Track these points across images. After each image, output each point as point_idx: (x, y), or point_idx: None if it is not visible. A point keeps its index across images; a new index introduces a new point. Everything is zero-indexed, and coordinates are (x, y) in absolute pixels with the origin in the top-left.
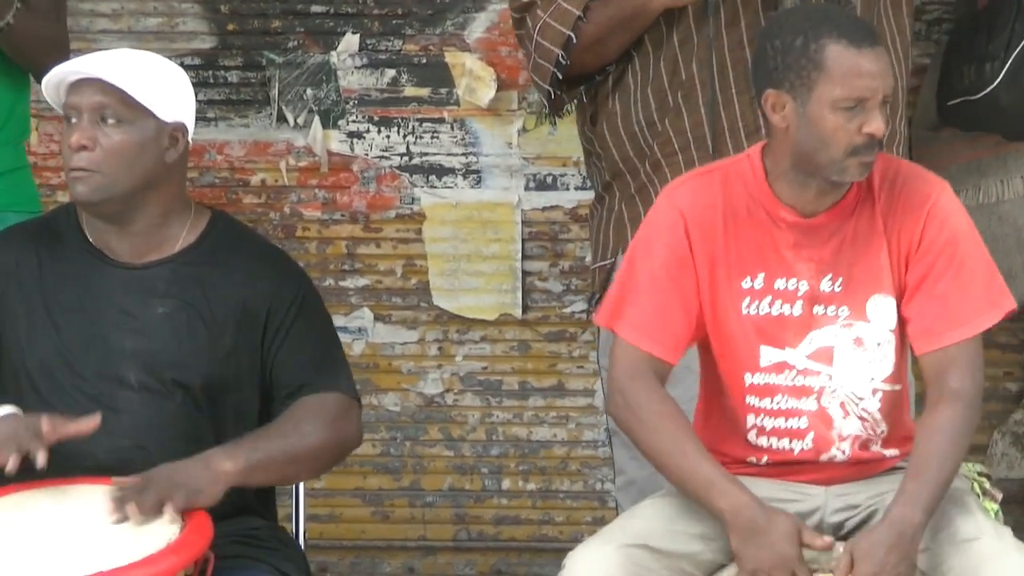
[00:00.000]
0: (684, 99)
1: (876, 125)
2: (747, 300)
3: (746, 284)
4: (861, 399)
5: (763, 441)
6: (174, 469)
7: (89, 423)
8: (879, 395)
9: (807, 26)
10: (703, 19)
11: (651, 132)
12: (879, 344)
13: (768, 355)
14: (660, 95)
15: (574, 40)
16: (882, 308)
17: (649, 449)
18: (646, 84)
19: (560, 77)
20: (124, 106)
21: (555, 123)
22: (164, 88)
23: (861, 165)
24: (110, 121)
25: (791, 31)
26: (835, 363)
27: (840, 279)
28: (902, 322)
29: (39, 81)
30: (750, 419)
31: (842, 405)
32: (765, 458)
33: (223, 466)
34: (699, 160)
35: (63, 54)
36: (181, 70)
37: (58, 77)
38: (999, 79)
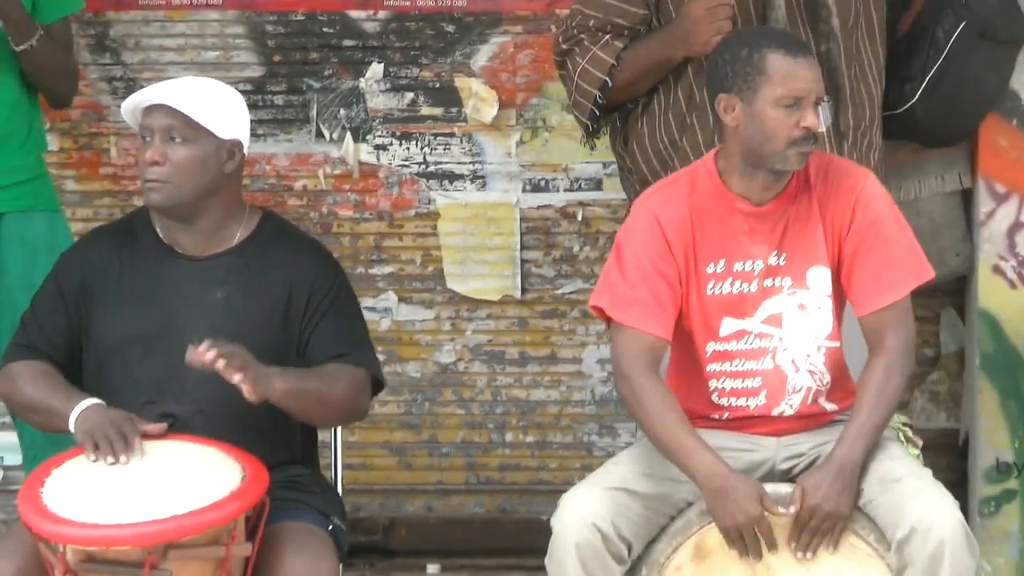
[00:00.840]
0: (698, 119)
1: (811, 120)
2: (712, 283)
3: (711, 269)
4: (808, 355)
5: (724, 401)
6: (248, 360)
7: (159, 427)
8: (823, 351)
9: (750, 40)
10: None
11: (673, 148)
12: (819, 308)
13: (729, 325)
14: (679, 118)
15: (609, 84)
16: (820, 277)
17: (645, 423)
18: (667, 109)
19: (597, 113)
20: (188, 127)
21: (594, 146)
22: (222, 110)
23: (799, 155)
24: (177, 140)
25: (737, 44)
26: (784, 326)
27: (784, 254)
28: (837, 289)
29: (52, 105)
30: (712, 383)
31: (793, 361)
32: (726, 415)
33: (275, 381)
34: None
35: (74, 82)
36: (237, 94)
37: (134, 103)
38: (917, 96)
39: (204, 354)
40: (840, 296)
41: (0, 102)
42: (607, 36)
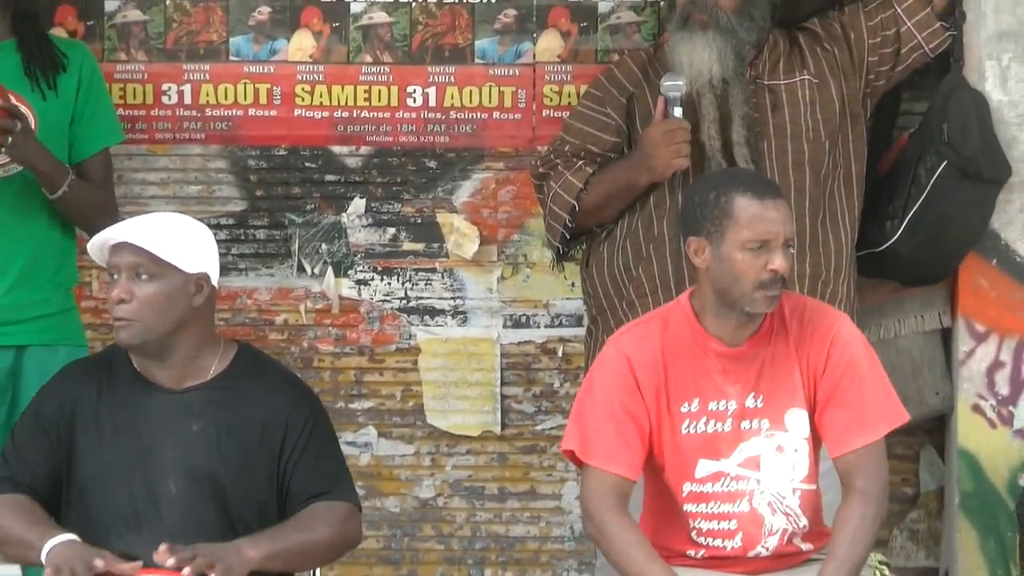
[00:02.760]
0: (655, 251)
1: (779, 263)
2: (686, 422)
3: (684, 408)
4: (784, 497)
5: (700, 540)
6: (213, 549)
7: (133, 566)
8: (798, 493)
9: (719, 183)
10: (673, 187)
11: (627, 276)
12: (796, 450)
13: (705, 467)
14: (636, 246)
15: (577, 208)
16: (797, 420)
17: (613, 559)
18: (627, 236)
19: (568, 236)
20: (153, 263)
21: (563, 268)
22: (187, 244)
23: (767, 298)
24: (143, 276)
25: (707, 188)
26: (762, 468)
27: (761, 396)
28: (814, 432)
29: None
30: (689, 522)
31: (770, 504)
32: (702, 552)
33: (249, 552)
34: (664, 301)
35: (112, 216)
36: (204, 227)
37: (100, 241)
38: (898, 235)
39: (166, 561)
40: (817, 438)
41: (28, 238)
42: (580, 162)
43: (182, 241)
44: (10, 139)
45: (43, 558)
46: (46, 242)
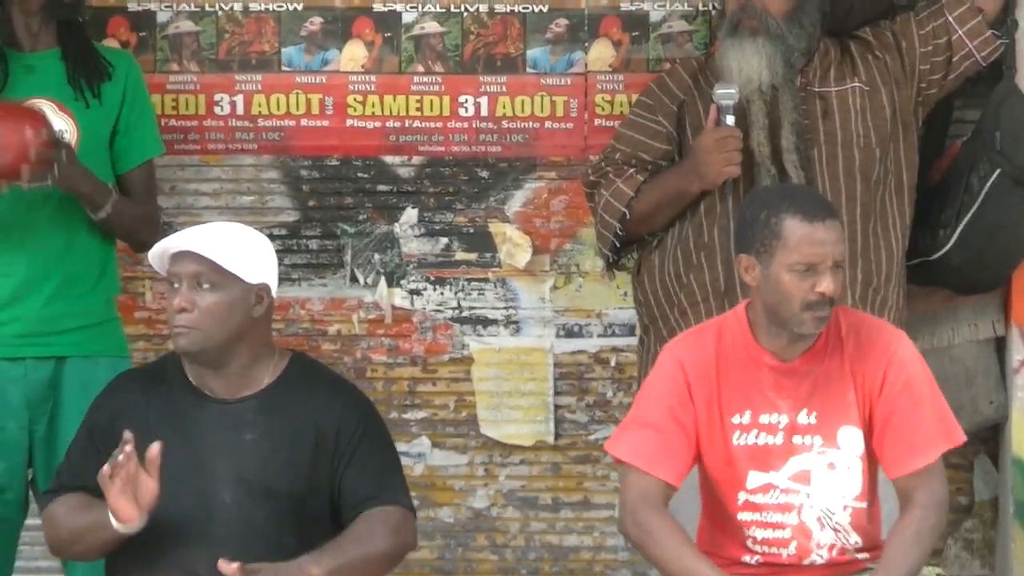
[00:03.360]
0: (706, 259)
1: (826, 285)
2: (737, 433)
3: (736, 420)
4: (834, 514)
5: (755, 547)
6: (277, 569)
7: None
8: (849, 511)
9: (771, 201)
10: (724, 194)
11: (678, 284)
12: (848, 468)
13: (755, 478)
14: (687, 254)
15: (628, 215)
16: (851, 438)
17: (656, 555)
18: (677, 244)
19: (618, 244)
20: (215, 273)
21: (614, 276)
22: (248, 255)
23: (815, 319)
24: (205, 286)
25: (758, 206)
26: (812, 483)
27: (815, 413)
28: (869, 450)
29: (134, 251)
30: (743, 530)
31: (819, 519)
32: (757, 558)
33: (312, 570)
34: (715, 309)
35: (155, 229)
36: (265, 238)
37: (160, 249)
38: (951, 243)
39: (231, 574)
40: (871, 457)
41: (66, 243)
42: (631, 170)
43: (244, 251)
44: (56, 169)
45: (114, 525)
46: (86, 252)
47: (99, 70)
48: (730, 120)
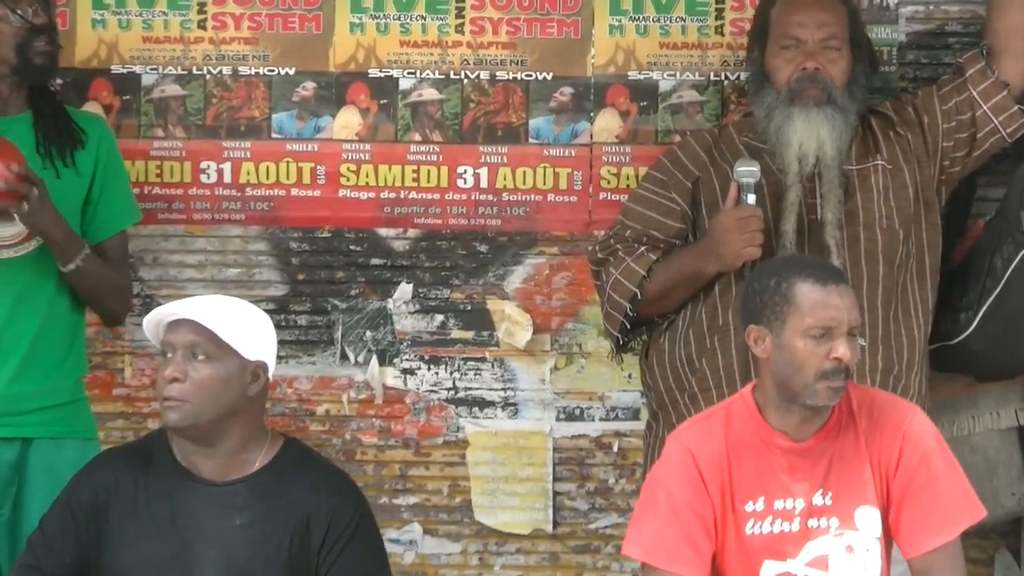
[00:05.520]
0: (719, 342)
1: (842, 351)
2: (751, 522)
3: (749, 507)
4: None
5: None
6: None
7: None
8: None
9: (781, 268)
10: (740, 276)
11: (690, 368)
12: (867, 550)
13: (770, 568)
14: (700, 337)
15: (639, 296)
16: (868, 518)
17: None
18: (690, 326)
19: (628, 326)
20: (213, 345)
21: (622, 360)
22: (249, 330)
23: (830, 390)
24: (200, 357)
25: (767, 273)
26: (831, 569)
27: (830, 493)
28: (887, 530)
29: (105, 323)
30: None
31: None
32: None
33: None
34: (728, 395)
35: (126, 298)
36: (265, 315)
37: (158, 316)
38: (972, 328)
39: None
40: (889, 537)
41: (32, 321)
42: (642, 248)
43: (244, 325)
44: (25, 205)
45: None
46: (54, 327)
47: (71, 137)
48: (751, 199)
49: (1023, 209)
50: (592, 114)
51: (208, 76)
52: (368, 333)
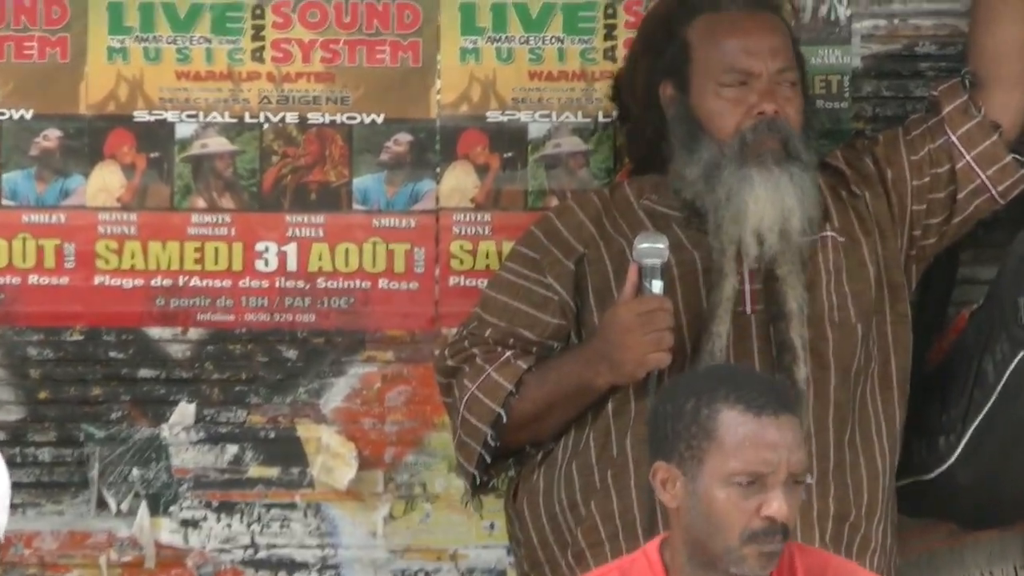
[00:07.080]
0: (614, 479)
1: (776, 507)
2: None
3: None
4: None
5: None
6: None
7: None
8: None
9: (702, 387)
10: (642, 391)
11: (574, 516)
12: None
13: None
14: (586, 472)
15: (504, 418)
16: None
17: None
18: (572, 458)
19: (489, 459)
20: None
21: (480, 504)
22: None
23: (761, 556)
24: None
25: (684, 392)
26: None
27: None
28: None
29: None
30: None
31: None
32: None
33: None
34: (628, 552)
35: None
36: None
37: None
38: (955, 455)
39: None
40: None
41: None
42: (508, 353)
43: None
44: None
45: None
46: None
47: None
48: (657, 287)
49: (1021, 295)
50: (438, 170)
51: None
52: (135, 471)
